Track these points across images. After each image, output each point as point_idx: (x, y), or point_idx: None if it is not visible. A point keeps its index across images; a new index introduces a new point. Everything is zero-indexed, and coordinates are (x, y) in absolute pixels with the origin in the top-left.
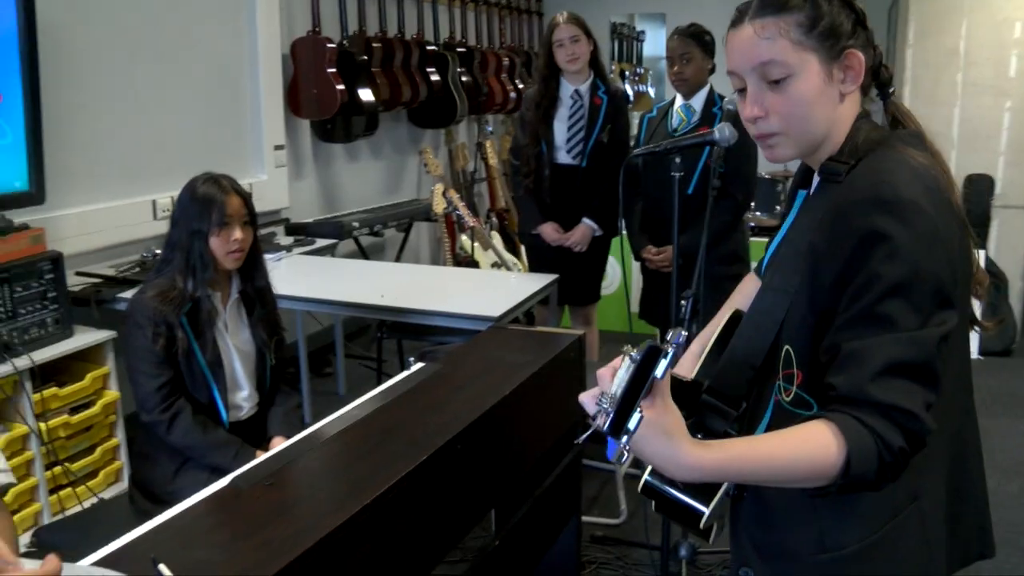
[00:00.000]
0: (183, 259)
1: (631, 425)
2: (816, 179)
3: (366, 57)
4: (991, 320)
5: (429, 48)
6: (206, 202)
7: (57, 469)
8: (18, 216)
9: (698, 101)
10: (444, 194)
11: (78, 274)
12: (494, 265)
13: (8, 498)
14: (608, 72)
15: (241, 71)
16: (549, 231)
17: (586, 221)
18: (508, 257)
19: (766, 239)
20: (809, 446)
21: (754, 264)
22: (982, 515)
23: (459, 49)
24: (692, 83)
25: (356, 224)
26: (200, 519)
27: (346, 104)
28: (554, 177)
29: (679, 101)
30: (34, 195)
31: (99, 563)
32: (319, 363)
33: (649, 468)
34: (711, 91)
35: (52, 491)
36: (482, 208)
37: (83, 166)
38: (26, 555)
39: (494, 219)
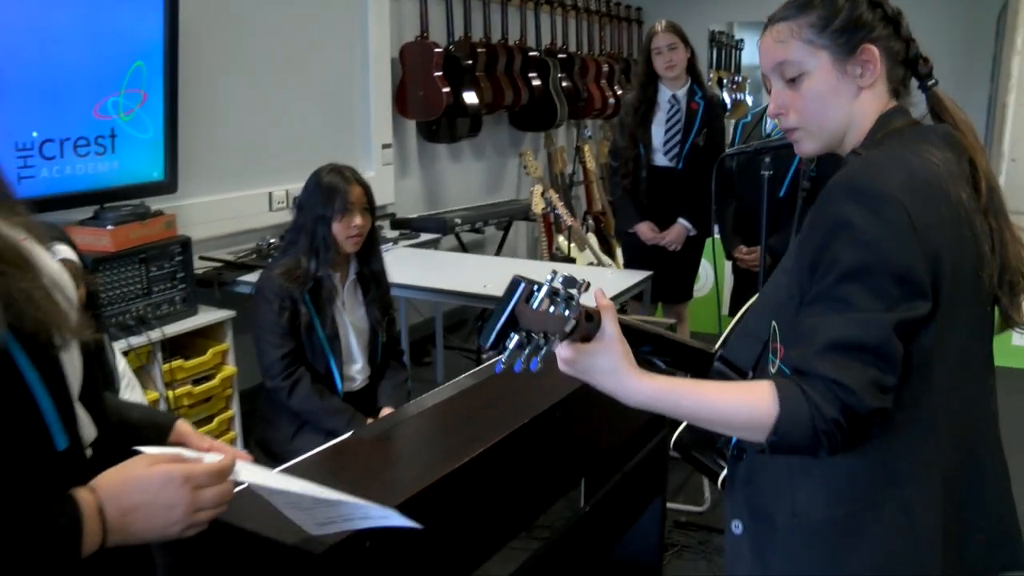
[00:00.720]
0: (308, 241)
1: (509, 344)
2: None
3: (471, 62)
4: None
5: (531, 54)
6: (331, 190)
7: None
8: (154, 203)
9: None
10: (543, 194)
11: (202, 258)
12: (590, 264)
13: None
14: (706, 79)
15: (353, 74)
16: (645, 230)
17: (681, 221)
18: (604, 257)
19: None
20: (746, 398)
21: None
22: (1004, 523)
23: (560, 55)
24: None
25: (458, 220)
26: (326, 462)
27: (451, 106)
28: (651, 178)
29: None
30: (168, 185)
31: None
32: (419, 352)
33: (681, 426)
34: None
35: None
36: (579, 210)
37: (210, 159)
38: None
39: (590, 221)
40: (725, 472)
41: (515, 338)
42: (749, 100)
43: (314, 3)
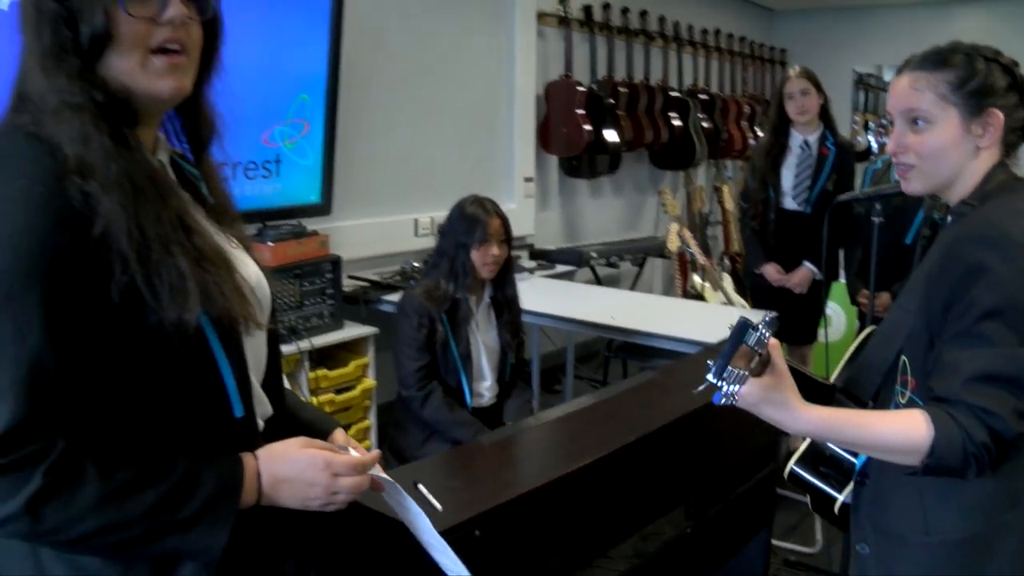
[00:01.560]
0: (448, 265)
1: (729, 378)
2: (949, 217)
3: (612, 100)
4: None
5: (672, 94)
6: (472, 220)
7: None
8: (310, 224)
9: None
10: (679, 233)
11: (350, 277)
12: (722, 304)
13: None
14: (851, 121)
15: (499, 110)
16: (771, 271)
17: (807, 264)
18: (736, 298)
19: None
20: (902, 424)
21: None
22: None
23: (701, 96)
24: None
25: (594, 254)
26: (448, 462)
27: (592, 143)
28: (779, 221)
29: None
30: (324, 207)
31: None
32: (549, 380)
33: (795, 456)
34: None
35: None
36: (716, 250)
37: (362, 185)
38: None
39: (727, 261)
40: (842, 498)
41: (734, 372)
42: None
43: (464, 42)
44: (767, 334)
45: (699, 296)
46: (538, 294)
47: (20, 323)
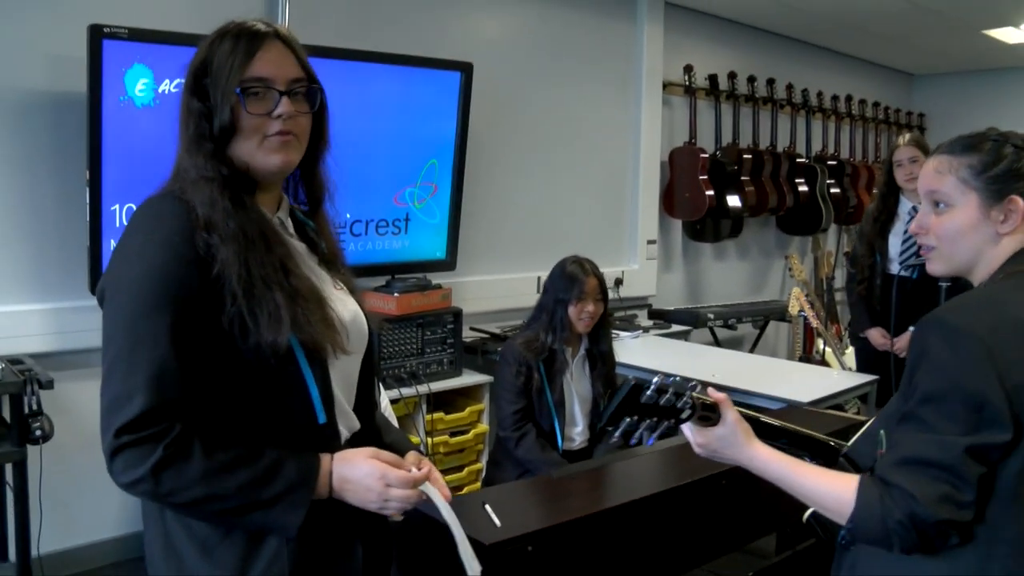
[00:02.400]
0: (547, 320)
1: (621, 424)
2: None
3: (736, 167)
4: None
5: (799, 160)
6: (571, 279)
7: None
8: (435, 278)
9: None
10: (798, 297)
11: (472, 329)
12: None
13: None
14: None
15: (625, 174)
16: (876, 335)
17: (912, 329)
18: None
19: None
20: (834, 486)
21: None
22: None
23: (830, 162)
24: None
25: (711, 316)
26: (522, 489)
27: (714, 208)
28: (885, 286)
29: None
30: (448, 263)
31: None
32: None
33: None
34: None
35: None
36: (844, 316)
37: (486, 244)
38: None
39: None
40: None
41: (626, 420)
42: None
43: (592, 109)
44: (679, 391)
45: (822, 361)
46: (649, 351)
47: (154, 336)
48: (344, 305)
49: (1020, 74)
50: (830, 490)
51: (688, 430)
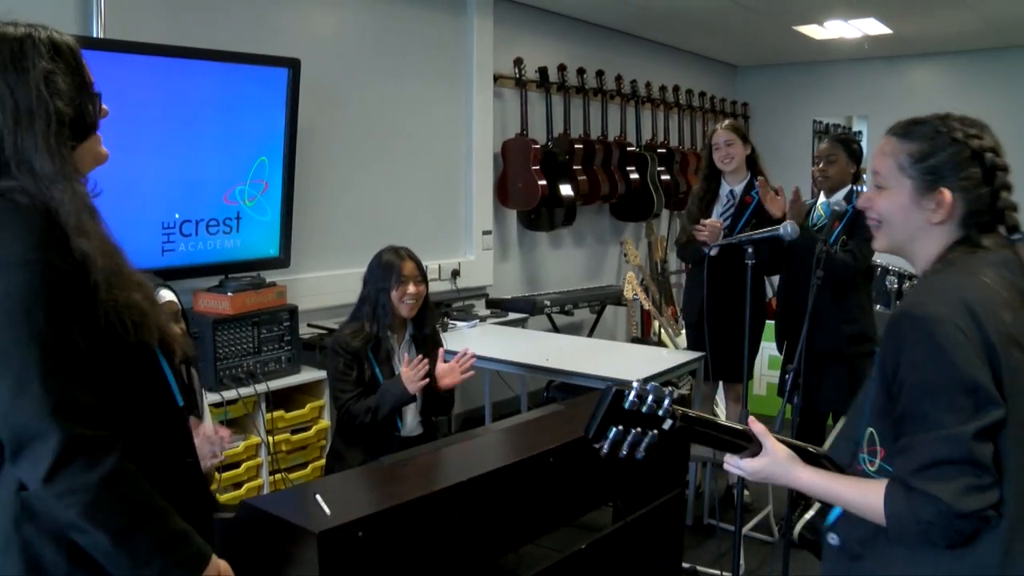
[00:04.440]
0: (371, 310)
1: (609, 435)
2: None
3: (568, 156)
4: None
5: (630, 149)
6: (388, 267)
7: (278, 476)
8: (269, 276)
9: (835, 199)
10: (631, 282)
11: (309, 325)
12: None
13: (242, 492)
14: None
15: (457, 167)
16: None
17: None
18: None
19: None
20: (866, 497)
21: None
22: None
23: (660, 150)
24: (834, 182)
25: (548, 303)
26: (354, 477)
27: (547, 197)
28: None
29: (822, 199)
30: (282, 260)
31: (281, 495)
32: None
33: (801, 523)
34: (851, 192)
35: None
36: (679, 298)
37: (320, 240)
38: None
39: None
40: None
41: (614, 431)
42: (863, 191)
43: (423, 103)
44: (659, 398)
45: (659, 342)
46: (487, 340)
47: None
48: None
49: (828, 67)
50: (863, 502)
51: (734, 461)
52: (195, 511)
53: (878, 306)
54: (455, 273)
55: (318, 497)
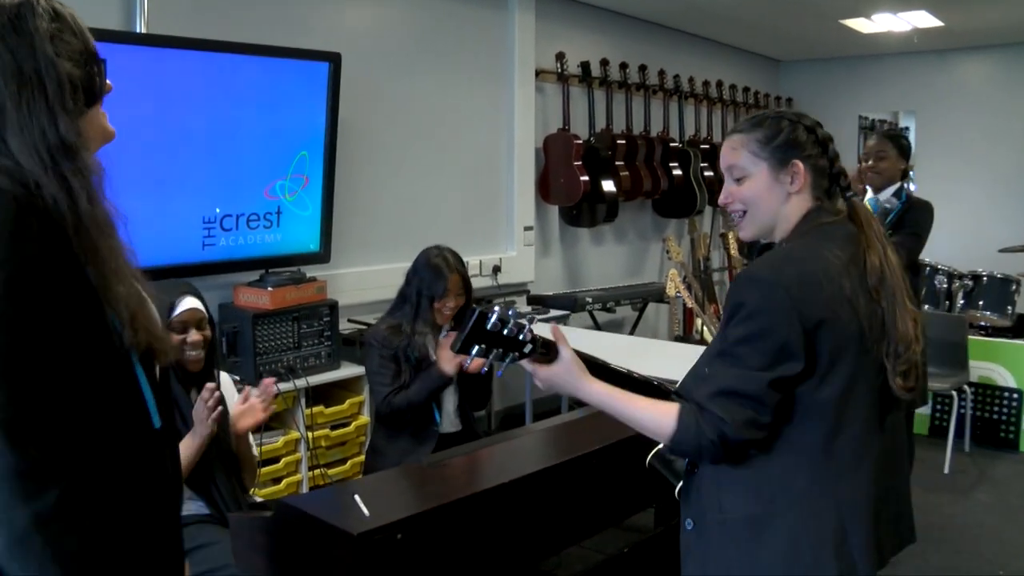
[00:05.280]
0: (412, 311)
1: (472, 352)
2: None
3: (610, 152)
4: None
5: (673, 145)
6: (436, 272)
7: (317, 471)
8: (309, 271)
9: (885, 196)
10: (673, 279)
11: (349, 320)
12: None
13: (281, 487)
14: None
15: (499, 162)
16: None
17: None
18: None
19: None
20: (657, 412)
21: None
22: (900, 513)
23: (703, 146)
24: (884, 179)
25: (589, 299)
26: (394, 477)
27: (589, 193)
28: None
29: (869, 195)
30: (322, 255)
31: (319, 494)
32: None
33: (653, 452)
34: (900, 188)
35: (311, 489)
36: (722, 295)
37: (361, 235)
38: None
39: None
40: (679, 486)
41: (476, 348)
42: (912, 188)
43: (464, 98)
44: (519, 324)
45: (701, 340)
46: None
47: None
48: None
49: (875, 61)
50: (654, 415)
51: (528, 366)
52: (160, 552)
53: (926, 306)
54: (496, 269)
55: (357, 498)
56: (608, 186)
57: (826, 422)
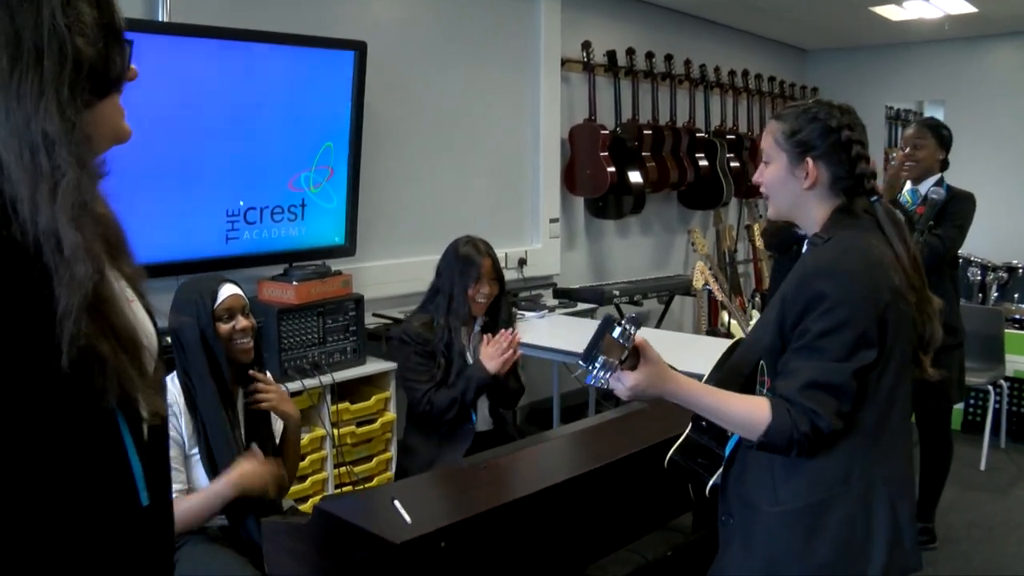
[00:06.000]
0: (445, 303)
1: (597, 363)
2: (806, 246)
3: (637, 143)
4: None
5: (699, 135)
6: (467, 260)
7: (342, 469)
8: (335, 264)
9: (925, 187)
10: (702, 271)
11: (374, 315)
12: None
13: (306, 485)
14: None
15: (525, 153)
16: None
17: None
18: None
19: None
20: (750, 407)
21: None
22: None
23: (729, 136)
24: (922, 168)
25: (616, 292)
26: (431, 481)
27: (615, 185)
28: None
29: (908, 186)
30: (348, 248)
31: (354, 497)
32: (571, 418)
33: (673, 448)
34: (941, 179)
35: (336, 487)
36: (747, 288)
37: (386, 228)
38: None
39: (758, 299)
40: (712, 481)
41: (601, 359)
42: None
43: (490, 88)
44: (631, 329)
45: (727, 334)
46: (557, 331)
47: None
48: (142, 325)
49: (904, 49)
50: (746, 410)
51: (615, 379)
52: None
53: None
54: (522, 262)
55: (397, 503)
56: (635, 177)
57: (880, 406)
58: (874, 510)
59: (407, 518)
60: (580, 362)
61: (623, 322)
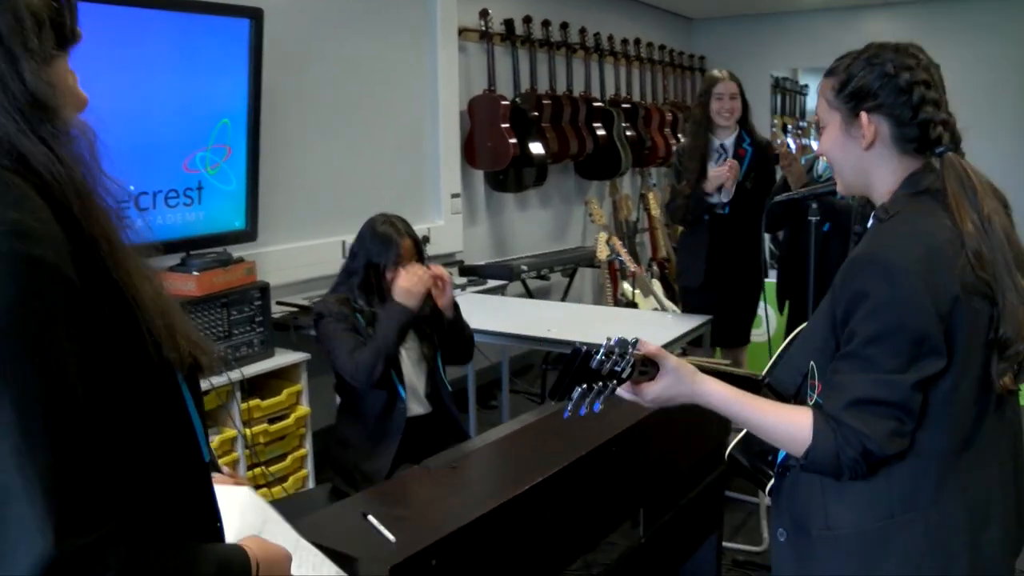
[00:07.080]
0: (360, 283)
1: (573, 396)
2: (871, 221)
3: (537, 113)
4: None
5: (596, 104)
6: (385, 240)
7: (257, 470)
8: (236, 251)
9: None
10: (607, 242)
11: (279, 303)
12: (654, 311)
13: None
14: (770, 125)
15: (423, 127)
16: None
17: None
18: (667, 303)
19: None
20: (790, 424)
21: None
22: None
23: (624, 105)
24: None
25: (524, 267)
26: (396, 489)
27: (517, 157)
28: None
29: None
30: (249, 233)
31: (316, 518)
32: (485, 396)
33: (734, 442)
34: None
35: (256, 488)
36: (644, 257)
37: (288, 209)
38: None
39: (655, 267)
40: (772, 483)
41: (578, 390)
42: (814, 145)
43: (386, 60)
44: (624, 351)
45: (630, 303)
46: (470, 310)
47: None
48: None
49: (791, 17)
50: (786, 426)
51: (627, 393)
52: None
53: None
54: (425, 239)
55: (372, 519)
56: (536, 148)
57: (959, 419)
58: (947, 542)
59: (390, 537)
60: (551, 400)
61: (603, 349)
